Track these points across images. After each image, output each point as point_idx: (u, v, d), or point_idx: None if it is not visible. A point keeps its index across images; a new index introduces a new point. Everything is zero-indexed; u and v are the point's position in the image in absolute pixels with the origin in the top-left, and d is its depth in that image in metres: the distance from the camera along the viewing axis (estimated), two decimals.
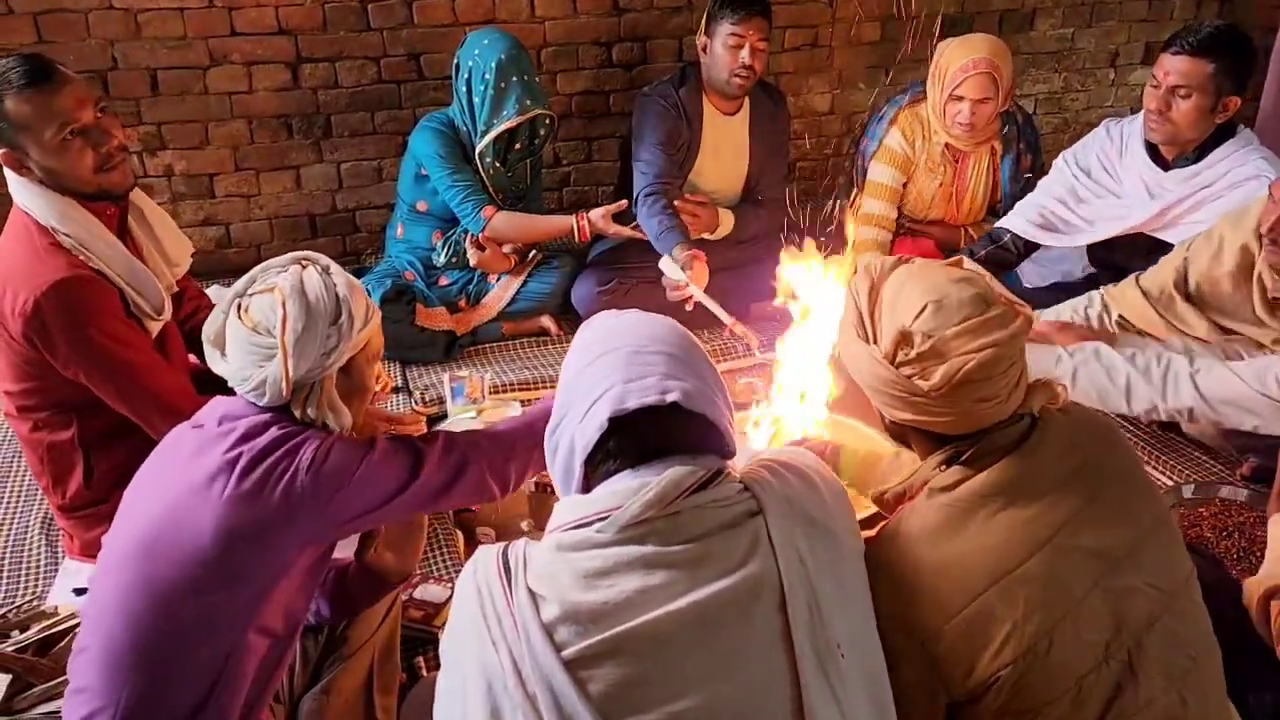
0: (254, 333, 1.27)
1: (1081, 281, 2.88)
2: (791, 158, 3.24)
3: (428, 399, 2.56)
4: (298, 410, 1.30)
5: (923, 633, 1.09)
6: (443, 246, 2.91)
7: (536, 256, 3.00)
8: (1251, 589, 1.43)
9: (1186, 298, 2.22)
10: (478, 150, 2.77)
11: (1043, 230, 2.69)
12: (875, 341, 1.21)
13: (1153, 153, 2.50)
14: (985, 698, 1.08)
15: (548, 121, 2.89)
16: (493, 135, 2.72)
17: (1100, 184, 2.63)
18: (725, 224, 3.00)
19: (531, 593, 0.94)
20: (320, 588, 1.48)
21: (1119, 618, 1.09)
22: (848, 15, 3.64)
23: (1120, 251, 2.66)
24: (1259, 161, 2.36)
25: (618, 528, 0.95)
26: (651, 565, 0.94)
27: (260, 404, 1.29)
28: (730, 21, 2.70)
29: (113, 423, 1.82)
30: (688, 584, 0.93)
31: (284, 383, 1.25)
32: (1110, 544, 1.12)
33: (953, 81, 2.75)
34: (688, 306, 2.50)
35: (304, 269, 1.33)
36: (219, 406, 1.33)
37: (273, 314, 1.26)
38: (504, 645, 0.92)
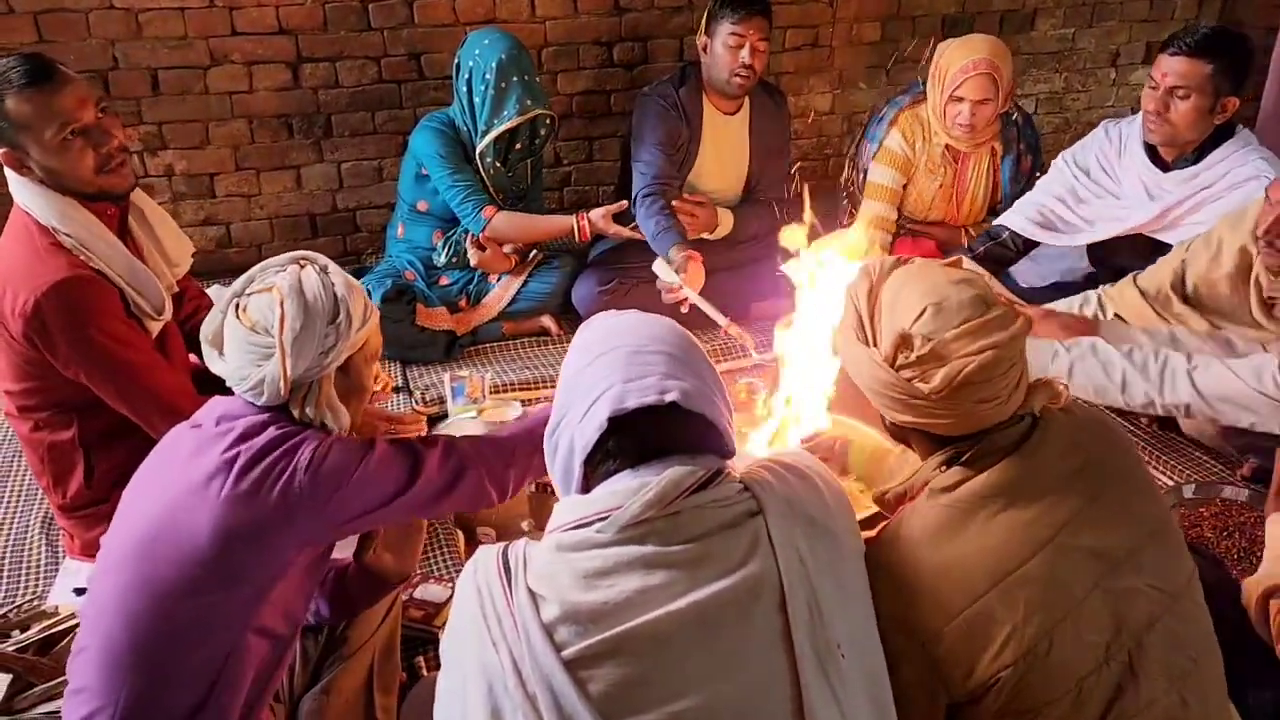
0: (252, 332, 1.27)
1: (1081, 281, 2.87)
2: (791, 157, 3.24)
3: (428, 399, 2.56)
4: (296, 410, 1.30)
5: (923, 634, 1.09)
6: (443, 246, 2.91)
7: (537, 256, 2.99)
8: (1250, 588, 1.43)
9: (1184, 299, 2.21)
10: (478, 150, 2.76)
11: (1042, 228, 2.69)
12: (875, 344, 1.21)
13: (1152, 154, 2.50)
14: (985, 698, 1.08)
15: (548, 121, 2.89)
16: (493, 135, 2.72)
17: (1099, 184, 2.62)
18: (724, 224, 2.99)
19: (531, 593, 0.94)
20: (320, 588, 1.48)
21: (1120, 619, 1.09)
22: (848, 15, 3.64)
23: (1120, 252, 2.66)
24: (1258, 162, 2.36)
25: (618, 528, 0.95)
26: (651, 565, 0.94)
27: (258, 403, 1.29)
28: (730, 21, 2.70)
29: (113, 423, 1.82)
30: (688, 584, 0.93)
31: (282, 382, 1.25)
32: (1111, 544, 1.11)
33: (953, 82, 2.74)
34: (683, 309, 2.50)
35: (302, 268, 1.33)
36: (217, 406, 1.33)
37: (270, 313, 1.26)
38: (504, 645, 0.92)
